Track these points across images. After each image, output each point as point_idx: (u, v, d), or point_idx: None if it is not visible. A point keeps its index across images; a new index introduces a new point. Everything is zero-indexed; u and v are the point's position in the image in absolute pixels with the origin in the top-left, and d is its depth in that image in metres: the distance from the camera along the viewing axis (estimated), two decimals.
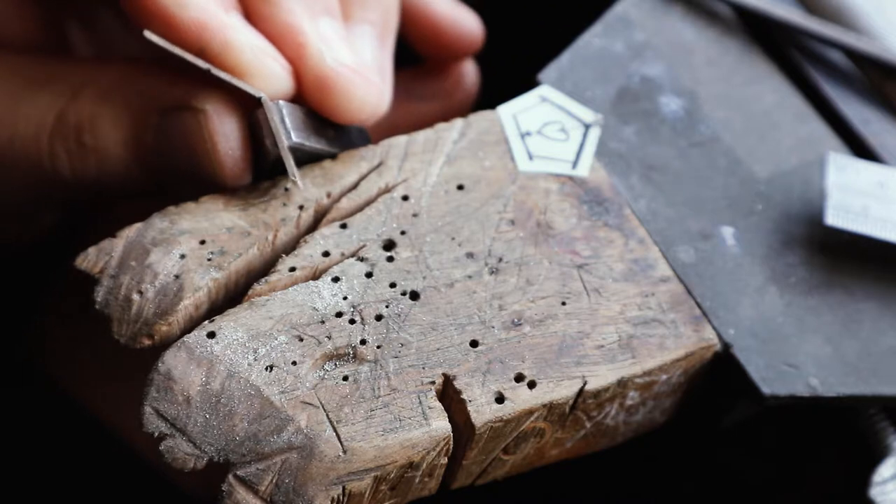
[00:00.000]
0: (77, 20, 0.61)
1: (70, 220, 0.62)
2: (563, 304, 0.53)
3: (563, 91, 0.57)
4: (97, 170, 0.55)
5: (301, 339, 0.50)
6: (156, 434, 0.48)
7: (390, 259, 0.52)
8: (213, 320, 0.50)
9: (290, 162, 0.53)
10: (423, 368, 0.50)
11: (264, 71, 0.53)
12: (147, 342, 0.51)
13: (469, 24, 0.63)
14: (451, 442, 0.50)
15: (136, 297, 0.51)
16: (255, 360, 0.49)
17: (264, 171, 0.54)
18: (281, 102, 0.53)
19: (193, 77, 0.54)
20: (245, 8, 0.55)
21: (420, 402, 0.50)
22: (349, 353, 0.50)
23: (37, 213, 0.60)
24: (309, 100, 0.54)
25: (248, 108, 0.54)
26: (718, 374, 0.54)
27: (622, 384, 0.52)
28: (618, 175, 0.56)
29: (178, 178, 0.54)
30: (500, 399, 0.50)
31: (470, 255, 0.53)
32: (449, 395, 0.51)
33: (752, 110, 0.59)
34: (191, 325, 0.51)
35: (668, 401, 0.55)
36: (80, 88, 0.55)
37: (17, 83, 0.56)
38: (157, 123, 0.54)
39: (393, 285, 0.52)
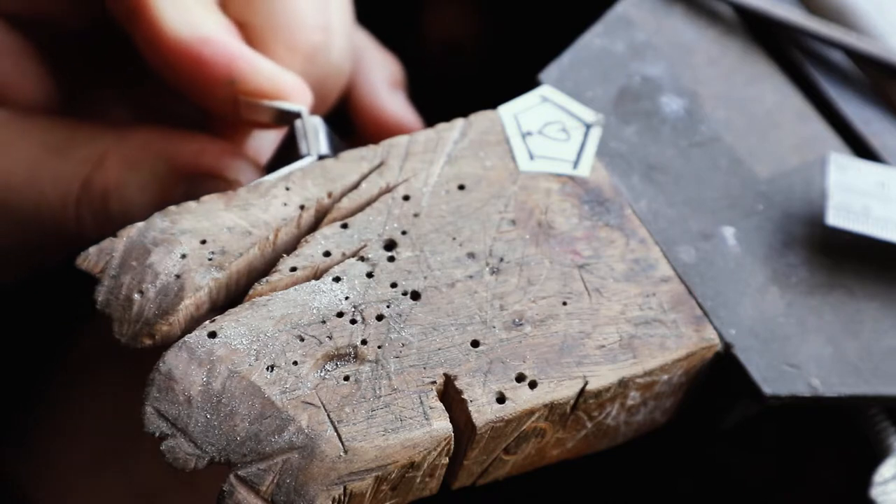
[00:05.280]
0: (114, 85, 0.61)
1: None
2: (564, 304, 0.53)
3: (564, 91, 0.57)
4: None
5: (302, 339, 0.50)
6: (157, 434, 0.48)
7: (391, 259, 0.52)
8: (214, 320, 0.50)
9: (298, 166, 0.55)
10: (424, 368, 0.50)
11: (287, 83, 0.55)
12: (148, 342, 0.51)
13: (414, 129, 0.65)
14: (452, 442, 0.50)
15: (136, 296, 0.51)
16: (257, 359, 0.49)
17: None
18: (317, 117, 0.56)
19: (219, 143, 0.56)
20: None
21: (421, 402, 0.50)
22: (350, 353, 0.50)
23: (50, 261, 0.61)
24: None
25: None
26: (719, 375, 0.54)
27: (623, 384, 0.52)
28: (619, 175, 0.56)
29: None
30: (501, 399, 0.50)
31: (471, 255, 0.53)
32: (450, 395, 0.50)
33: (752, 110, 0.59)
34: (192, 325, 0.51)
35: (669, 401, 0.55)
36: (105, 156, 0.56)
37: (41, 149, 0.57)
38: (184, 190, 0.54)
39: (394, 285, 0.52)
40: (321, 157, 0.55)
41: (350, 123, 0.65)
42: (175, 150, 0.56)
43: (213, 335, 0.50)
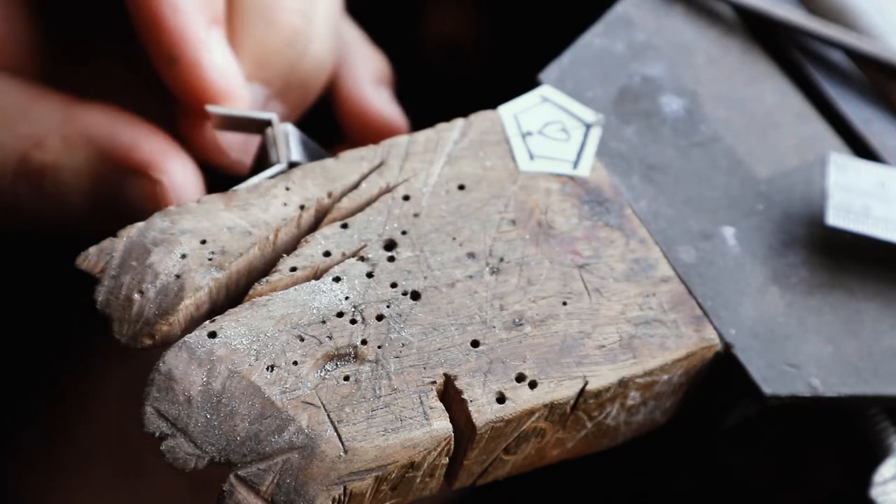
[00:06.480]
0: (118, 59, 0.61)
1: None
2: (564, 304, 0.53)
3: (564, 91, 0.57)
4: (55, 211, 0.56)
5: (302, 339, 0.50)
6: (157, 434, 0.48)
7: (391, 259, 0.52)
8: (214, 320, 0.50)
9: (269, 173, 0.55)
10: (424, 368, 0.50)
11: (229, 90, 0.55)
12: (148, 342, 0.51)
13: (398, 126, 0.65)
14: (452, 442, 0.50)
15: (136, 296, 0.51)
16: (257, 359, 0.49)
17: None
18: (289, 125, 0.56)
19: (159, 139, 0.56)
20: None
21: (421, 402, 0.50)
22: (350, 353, 0.50)
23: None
24: None
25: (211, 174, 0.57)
26: (719, 375, 0.54)
27: (623, 384, 0.52)
28: (619, 175, 0.56)
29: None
30: (501, 399, 0.50)
31: (471, 255, 0.53)
32: (450, 395, 0.50)
33: (752, 110, 0.59)
34: (192, 325, 0.51)
35: (669, 401, 0.55)
36: (46, 135, 0.56)
37: None
38: (116, 182, 0.55)
39: (394, 285, 0.52)
40: (292, 165, 0.55)
41: (334, 119, 0.65)
42: (111, 140, 0.56)
43: (213, 335, 0.50)
